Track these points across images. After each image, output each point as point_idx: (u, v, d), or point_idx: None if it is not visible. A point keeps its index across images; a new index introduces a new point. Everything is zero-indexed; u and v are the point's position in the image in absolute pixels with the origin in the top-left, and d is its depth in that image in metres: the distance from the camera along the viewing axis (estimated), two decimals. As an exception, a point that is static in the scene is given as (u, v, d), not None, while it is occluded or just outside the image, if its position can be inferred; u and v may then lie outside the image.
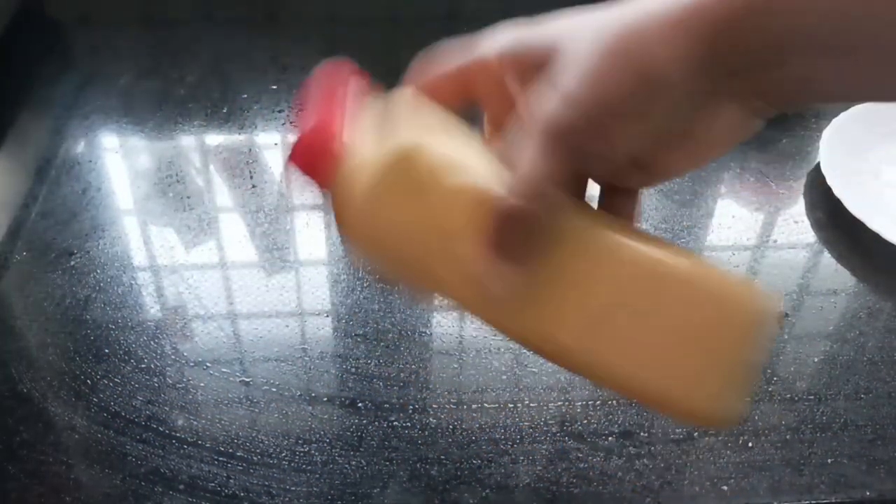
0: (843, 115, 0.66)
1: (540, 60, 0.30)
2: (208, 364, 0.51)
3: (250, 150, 0.67)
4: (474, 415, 0.48)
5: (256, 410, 0.48)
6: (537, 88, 0.30)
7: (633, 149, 0.30)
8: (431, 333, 0.53)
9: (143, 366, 0.50)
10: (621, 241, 0.31)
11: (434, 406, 0.49)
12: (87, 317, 0.53)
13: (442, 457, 0.46)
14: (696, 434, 0.48)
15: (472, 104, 0.34)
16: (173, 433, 0.47)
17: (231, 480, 0.45)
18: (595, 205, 0.34)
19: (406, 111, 0.33)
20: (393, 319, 0.53)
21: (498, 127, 0.34)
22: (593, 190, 0.34)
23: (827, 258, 0.60)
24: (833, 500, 0.45)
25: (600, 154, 0.30)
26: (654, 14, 0.27)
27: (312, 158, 0.32)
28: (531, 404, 0.49)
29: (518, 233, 0.29)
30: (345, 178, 0.31)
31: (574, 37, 0.29)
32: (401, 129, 0.32)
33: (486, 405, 0.48)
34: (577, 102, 0.28)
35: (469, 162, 0.31)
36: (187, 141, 0.69)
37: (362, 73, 0.34)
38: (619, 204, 0.34)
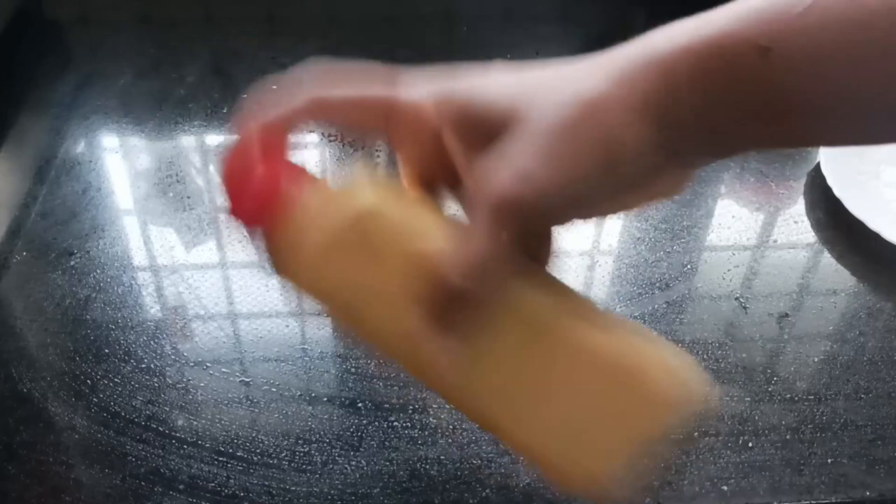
0: (843, 115, 0.66)
1: (487, 123, 0.29)
2: (208, 364, 0.51)
3: (250, 150, 0.67)
4: (474, 415, 0.48)
5: (256, 410, 0.48)
6: (488, 158, 0.29)
7: (580, 216, 0.30)
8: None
9: (143, 366, 0.50)
10: (554, 314, 0.31)
11: (434, 406, 0.49)
12: (87, 317, 0.53)
13: (442, 457, 0.46)
14: (696, 434, 0.48)
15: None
16: (173, 433, 0.47)
17: (231, 480, 0.45)
18: None
19: (361, 175, 0.32)
20: (393, 319, 0.53)
21: (417, 175, 0.33)
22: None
23: (827, 258, 0.60)
24: (833, 500, 0.45)
25: (547, 224, 0.30)
26: (607, 94, 0.27)
27: (261, 201, 0.31)
28: (531, 404, 0.49)
29: (458, 309, 0.29)
30: (292, 227, 0.31)
31: (530, 106, 0.28)
32: (358, 189, 0.31)
33: (486, 405, 0.48)
34: (534, 181, 0.27)
35: (425, 229, 0.31)
36: (187, 141, 0.69)
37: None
38: (536, 243, 0.34)
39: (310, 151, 0.68)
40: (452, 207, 0.32)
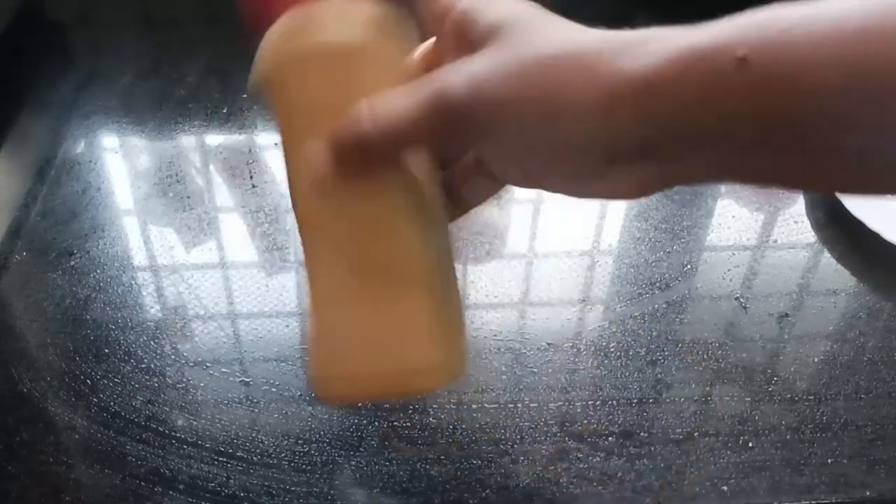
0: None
1: (477, 30, 0.30)
2: (208, 364, 0.51)
3: (250, 150, 0.67)
4: (474, 415, 0.48)
5: (256, 410, 0.48)
6: (458, 57, 0.30)
7: (510, 165, 0.30)
8: (431, 333, 0.53)
9: (143, 366, 0.50)
10: (406, 234, 0.32)
11: (434, 406, 0.49)
12: (87, 317, 0.53)
13: (442, 457, 0.46)
14: (696, 434, 0.48)
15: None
16: (173, 433, 0.47)
17: (231, 480, 0.45)
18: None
19: (364, 11, 0.33)
20: (393, 319, 0.53)
21: (428, 57, 0.34)
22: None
23: (827, 258, 0.60)
24: (833, 500, 0.45)
25: (481, 154, 0.31)
26: (587, 61, 0.27)
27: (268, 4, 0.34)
28: (531, 404, 0.49)
29: (355, 154, 0.30)
30: (284, 30, 0.33)
31: (516, 31, 0.28)
32: (355, 21, 0.32)
33: (486, 405, 0.48)
34: (476, 88, 0.28)
35: (383, 85, 0.31)
36: (187, 141, 0.69)
37: None
38: (458, 184, 0.35)
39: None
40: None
